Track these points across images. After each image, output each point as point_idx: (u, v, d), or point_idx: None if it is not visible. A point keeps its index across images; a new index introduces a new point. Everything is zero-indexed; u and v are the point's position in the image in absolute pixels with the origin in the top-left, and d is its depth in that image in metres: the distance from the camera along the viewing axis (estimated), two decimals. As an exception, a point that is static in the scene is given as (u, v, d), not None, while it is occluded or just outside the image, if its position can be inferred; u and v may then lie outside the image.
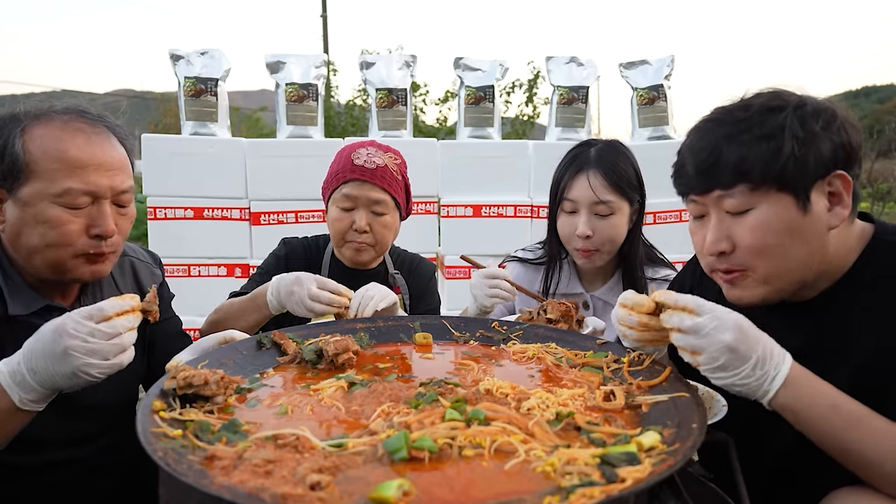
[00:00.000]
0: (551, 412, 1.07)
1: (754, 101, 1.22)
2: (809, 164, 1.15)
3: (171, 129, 15.90)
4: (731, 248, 1.23)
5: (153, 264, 1.74)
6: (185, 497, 0.84)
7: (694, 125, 1.28)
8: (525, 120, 15.37)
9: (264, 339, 1.40)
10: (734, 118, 1.20)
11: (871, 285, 1.22)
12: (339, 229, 1.95)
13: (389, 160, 1.95)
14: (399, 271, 2.12)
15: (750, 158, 1.16)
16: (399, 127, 3.78)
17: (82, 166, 1.34)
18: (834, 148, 1.17)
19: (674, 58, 3.96)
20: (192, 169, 3.50)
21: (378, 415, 1.06)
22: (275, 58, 3.74)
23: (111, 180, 1.39)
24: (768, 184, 1.16)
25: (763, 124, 1.17)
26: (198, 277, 3.53)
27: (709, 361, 1.08)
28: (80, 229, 1.36)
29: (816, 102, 1.19)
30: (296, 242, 2.13)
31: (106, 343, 1.14)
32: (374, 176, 1.90)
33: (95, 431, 1.52)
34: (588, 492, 0.80)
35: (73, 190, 1.33)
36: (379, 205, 1.92)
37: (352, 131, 14.55)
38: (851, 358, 1.20)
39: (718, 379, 1.09)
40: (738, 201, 1.19)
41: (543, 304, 1.66)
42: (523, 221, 3.70)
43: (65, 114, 1.39)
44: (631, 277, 2.03)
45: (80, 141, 1.36)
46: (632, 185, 1.95)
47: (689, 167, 1.25)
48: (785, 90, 1.23)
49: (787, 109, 1.17)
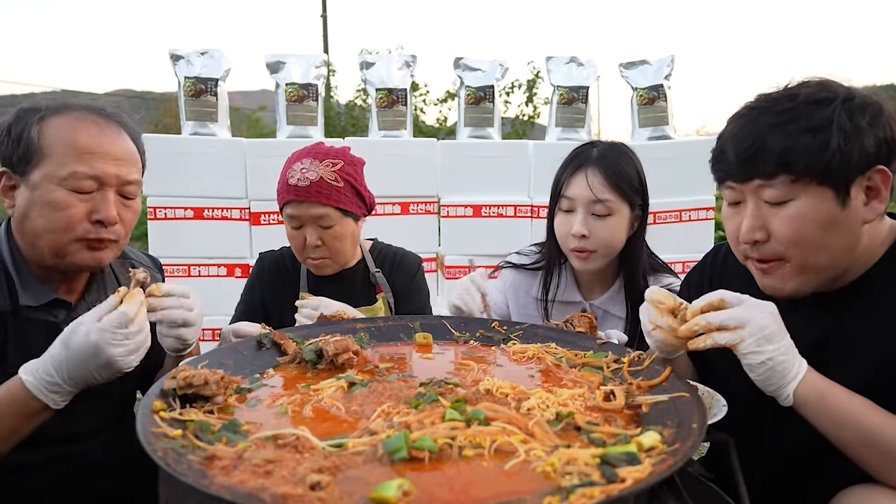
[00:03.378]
0: (551, 412, 1.07)
1: (801, 91, 1.19)
2: (853, 159, 1.13)
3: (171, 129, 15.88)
4: (766, 238, 1.21)
5: (154, 268, 1.76)
6: (185, 497, 0.84)
7: (736, 112, 1.25)
8: (525, 120, 15.37)
9: (264, 339, 1.40)
10: (780, 107, 1.18)
11: (892, 283, 1.22)
12: (296, 246, 1.95)
13: (326, 170, 1.86)
14: (380, 269, 2.07)
15: (795, 150, 1.14)
16: (399, 127, 3.77)
17: (90, 152, 1.41)
18: (878, 143, 1.15)
19: (674, 58, 3.96)
20: (192, 169, 3.50)
21: (378, 415, 1.06)
22: (275, 58, 3.74)
23: (117, 169, 1.44)
24: (810, 177, 1.14)
25: (810, 116, 1.14)
26: (198, 277, 3.52)
27: (758, 331, 1.08)
28: (82, 214, 1.41)
29: (864, 96, 1.17)
30: (268, 257, 2.13)
31: (140, 338, 1.25)
32: (308, 193, 1.84)
33: (93, 428, 1.52)
34: (588, 492, 0.80)
35: (78, 173, 1.39)
36: (322, 219, 1.87)
37: (352, 131, 14.55)
38: (873, 351, 1.20)
39: (762, 353, 1.08)
40: (778, 192, 1.17)
41: (570, 318, 1.61)
42: (523, 221, 3.69)
43: (84, 109, 1.47)
44: (633, 286, 1.94)
45: (93, 130, 1.43)
46: (633, 187, 1.88)
47: (731, 154, 1.22)
48: (833, 81, 1.20)
49: (835, 102, 1.14)
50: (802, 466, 1.31)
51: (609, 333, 1.60)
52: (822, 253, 1.19)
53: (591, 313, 1.65)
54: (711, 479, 1.06)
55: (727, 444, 1.17)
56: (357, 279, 2.06)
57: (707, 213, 3.73)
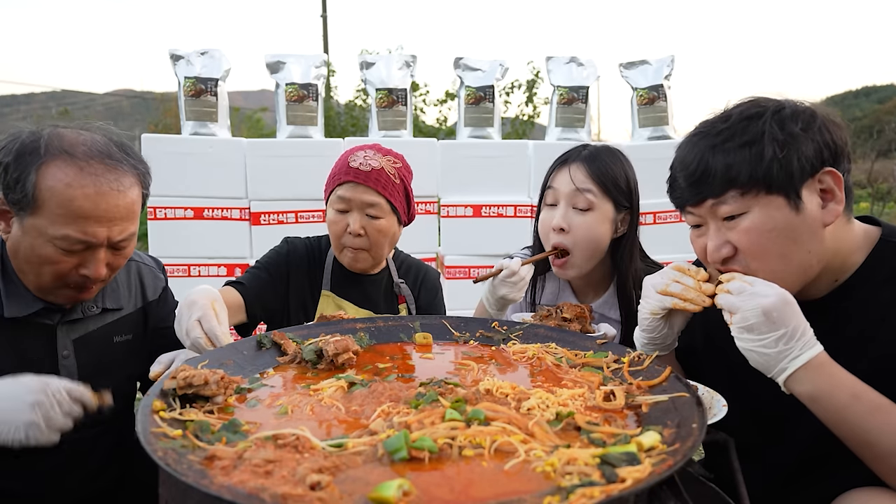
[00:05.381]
0: (551, 412, 1.07)
1: (734, 111, 1.26)
2: (794, 165, 1.18)
3: (171, 129, 15.89)
4: (733, 252, 1.25)
5: (156, 268, 1.76)
6: (185, 497, 0.84)
7: (682, 140, 1.33)
8: (525, 120, 15.38)
9: (264, 339, 1.40)
10: (717, 129, 1.25)
11: (881, 285, 1.24)
12: (335, 232, 1.93)
13: (387, 163, 1.93)
14: (404, 280, 2.08)
15: (735, 165, 1.20)
16: (399, 127, 3.78)
17: (84, 216, 1.36)
18: (818, 147, 1.20)
19: (674, 58, 3.96)
20: (192, 169, 3.50)
21: (378, 415, 1.06)
22: (275, 58, 3.75)
23: (110, 230, 1.41)
24: (757, 187, 1.20)
25: (744, 132, 1.21)
26: (198, 277, 3.53)
27: (740, 321, 1.14)
28: (69, 268, 1.41)
29: (795, 105, 1.23)
30: (298, 243, 2.09)
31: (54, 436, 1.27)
32: (367, 178, 1.88)
33: (93, 435, 1.52)
34: (588, 492, 0.80)
35: (70, 237, 1.37)
36: (373, 207, 1.89)
37: (352, 131, 14.54)
38: (865, 354, 1.21)
39: (743, 341, 1.14)
40: (731, 207, 1.23)
41: (560, 305, 1.65)
42: (523, 221, 3.70)
43: (88, 155, 1.39)
44: (624, 291, 1.92)
45: (90, 191, 1.37)
46: (618, 186, 1.86)
47: (681, 180, 1.29)
48: (763, 97, 1.27)
49: (765, 115, 1.21)
50: (803, 466, 1.32)
51: (599, 326, 1.64)
52: (786, 260, 1.22)
53: (587, 305, 1.67)
54: (711, 479, 1.06)
55: (727, 444, 1.17)
56: (381, 286, 2.06)
57: (707, 213, 3.72)
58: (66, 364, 1.50)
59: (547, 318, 1.64)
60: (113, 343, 1.59)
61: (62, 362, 1.49)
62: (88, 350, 1.54)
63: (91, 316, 1.55)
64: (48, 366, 1.47)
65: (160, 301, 1.72)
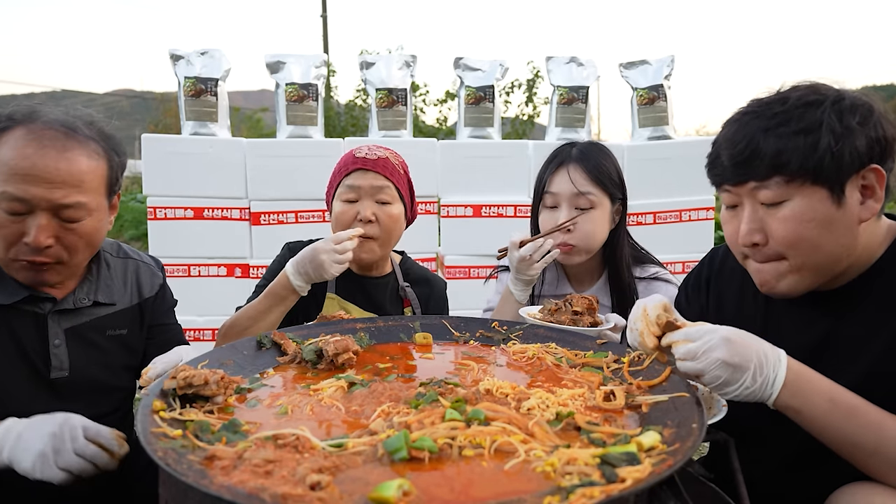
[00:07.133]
0: (551, 412, 1.07)
1: (791, 95, 1.22)
2: (845, 159, 1.16)
3: (171, 129, 15.89)
4: (765, 241, 1.24)
5: (155, 266, 1.76)
6: (185, 497, 0.84)
7: (730, 117, 1.29)
8: (525, 120, 15.37)
9: (264, 339, 1.40)
10: (772, 111, 1.21)
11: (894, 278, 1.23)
12: (344, 222, 1.89)
13: (391, 155, 1.96)
14: (409, 285, 2.06)
15: (787, 152, 1.17)
16: (399, 127, 3.78)
17: (20, 173, 1.36)
18: (870, 143, 1.17)
19: (674, 58, 3.96)
20: (192, 169, 3.50)
21: (378, 415, 1.06)
22: (275, 58, 3.74)
23: (49, 193, 1.38)
24: (804, 177, 1.17)
25: (801, 118, 1.17)
26: (198, 277, 3.53)
27: (711, 381, 1.10)
28: (14, 235, 1.39)
29: (854, 97, 1.20)
30: (300, 247, 2.04)
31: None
32: (375, 165, 1.90)
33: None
34: (588, 492, 0.80)
35: (6, 193, 1.36)
36: (383, 192, 1.89)
37: (352, 131, 14.54)
38: (872, 348, 1.21)
39: (726, 394, 1.11)
40: (773, 193, 1.20)
41: (568, 297, 1.65)
42: (523, 221, 3.69)
43: (46, 124, 1.40)
44: (617, 278, 2.03)
45: (30, 150, 1.37)
46: (612, 181, 1.98)
47: (725, 158, 1.25)
48: (823, 84, 1.23)
49: (825, 104, 1.17)
50: (803, 466, 1.31)
51: (609, 317, 1.63)
52: (819, 252, 1.20)
53: (594, 296, 1.67)
54: (711, 479, 1.06)
55: (727, 444, 1.17)
56: (386, 290, 2.04)
57: (707, 213, 3.73)
58: (58, 353, 1.51)
59: (557, 312, 1.62)
60: (106, 336, 1.61)
61: (53, 351, 1.51)
62: (80, 341, 1.55)
63: (83, 307, 1.56)
64: (41, 354, 1.49)
65: (157, 298, 1.72)
